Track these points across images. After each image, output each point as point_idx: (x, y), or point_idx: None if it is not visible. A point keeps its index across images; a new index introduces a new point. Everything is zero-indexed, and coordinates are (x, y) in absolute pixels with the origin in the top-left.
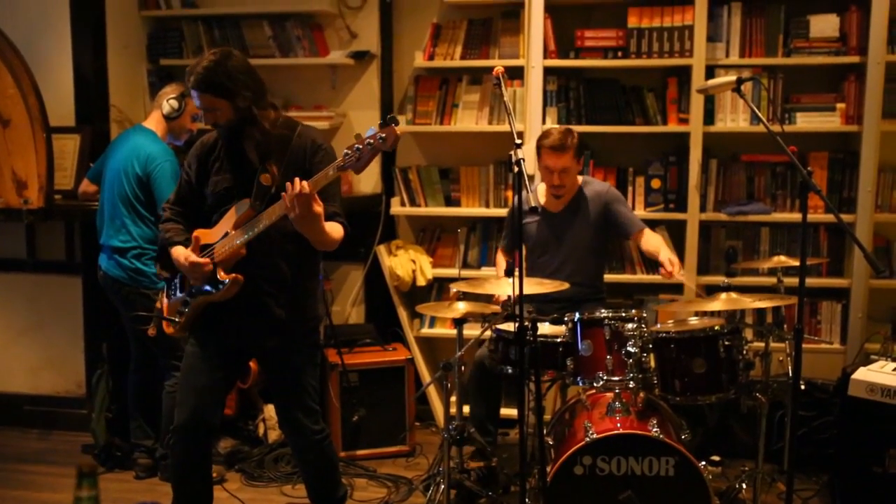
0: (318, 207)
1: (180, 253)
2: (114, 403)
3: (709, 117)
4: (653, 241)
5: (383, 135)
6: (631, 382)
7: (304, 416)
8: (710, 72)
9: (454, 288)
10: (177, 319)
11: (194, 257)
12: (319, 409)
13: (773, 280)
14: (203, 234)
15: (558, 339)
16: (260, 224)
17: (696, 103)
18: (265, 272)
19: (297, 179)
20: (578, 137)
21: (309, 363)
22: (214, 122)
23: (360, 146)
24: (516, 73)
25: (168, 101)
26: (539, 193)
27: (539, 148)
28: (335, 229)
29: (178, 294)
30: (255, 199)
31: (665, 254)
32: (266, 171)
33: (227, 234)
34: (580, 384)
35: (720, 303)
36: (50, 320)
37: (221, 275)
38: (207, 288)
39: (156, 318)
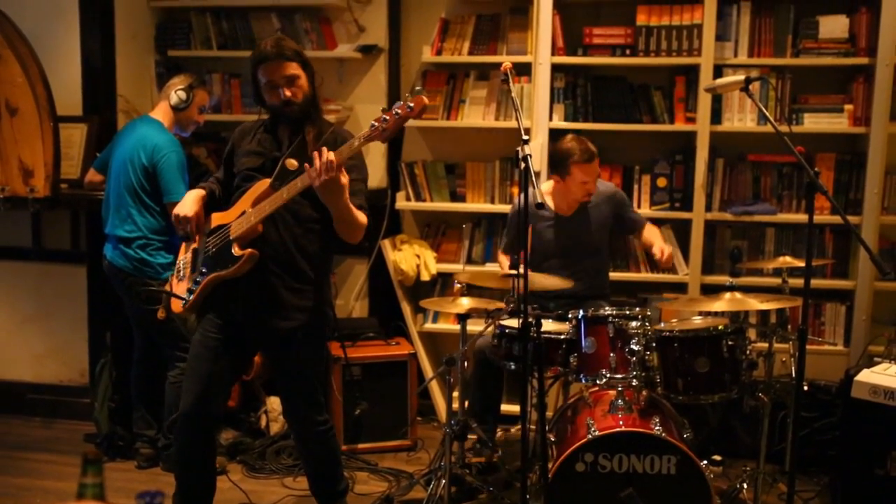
0: (344, 179)
1: (188, 196)
2: (117, 393)
3: (716, 117)
4: (649, 234)
5: (411, 104)
6: (634, 380)
7: (308, 408)
8: (718, 71)
9: (459, 278)
10: (186, 297)
11: (188, 208)
12: (324, 400)
13: (778, 280)
14: (218, 217)
15: (562, 336)
16: (281, 197)
17: (704, 102)
18: (278, 257)
19: (324, 149)
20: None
21: (316, 355)
22: (290, 98)
23: (388, 117)
24: (524, 70)
25: (176, 91)
26: (548, 199)
27: (567, 163)
28: (360, 214)
29: (191, 272)
30: (276, 180)
31: (658, 244)
32: (292, 156)
33: (244, 212)
34: (583, 381)
35: (724, 303)
36: (54, 309)
37: (237, 250)
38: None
39: (165, 297)
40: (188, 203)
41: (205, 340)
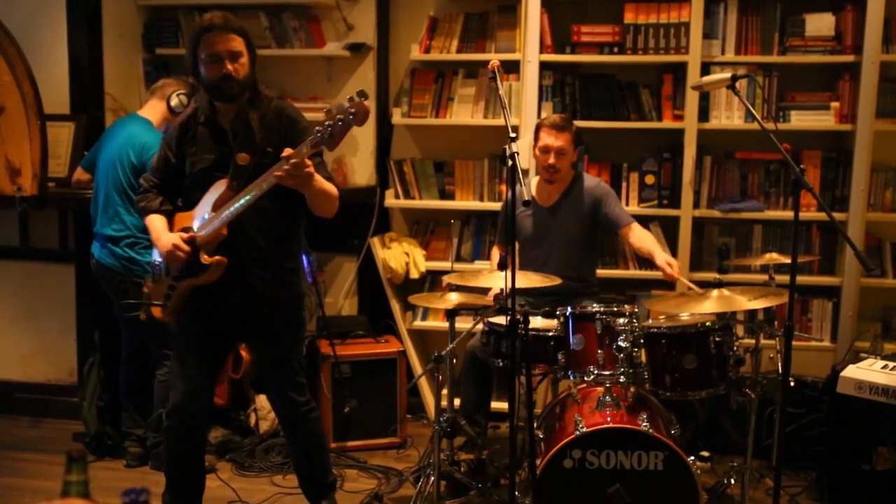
0: (310, 168)
1: (160, 235)
2: (105, 392)
3: (703, 114)
4: (645, 241)
5: (353, 110)
6: (622, 377)
7: (292, 391)
8: (706, 69)
9: (446, 280)
10: (164, 302)
11: (170, 238)
12: (305, 382)
13: (765, 277)
14: (182, 218)
15: (550, 333)
16: (240, 208)
17: (691, 100)
18: (247, 252)
19: (288, 151)
20: (577, 129)
21: (295, 339)
22: (231, 74)
23: (331, 122)
24: (512, 68)
25: (178, 95)
26: (531, 186)
27: (538, 129)
28: (330, 186)
29: (164, 276)
30: (233, 180)
31: (661, 257)
32: (242, 149)
33: (206, 216)
34: (571, 378)
35: (712, 302)
36: (42, 308)
37: (205, 258)
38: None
39: (144, 304)
40: (169, 239)
41: (186, 336)
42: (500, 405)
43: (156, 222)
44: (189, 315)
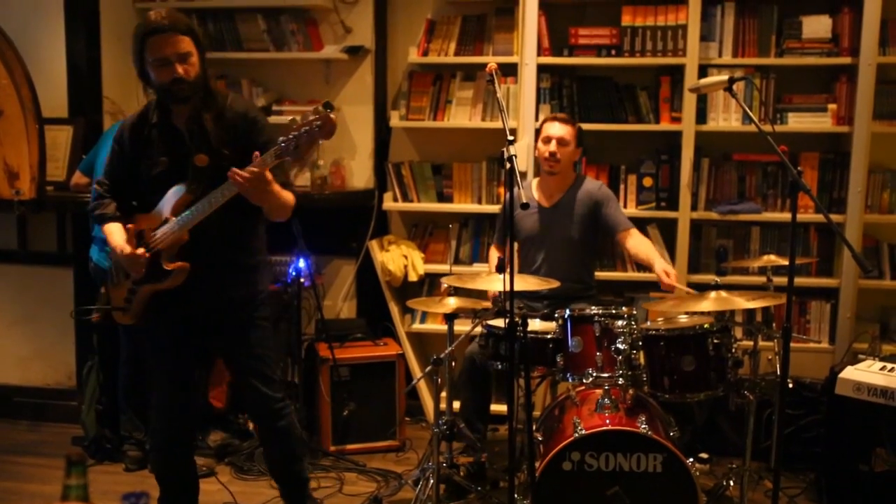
0: (269, 175)
1: (117, 243)
2: (104, 395)
3: (701, 116)
4: (643, 248)
5: (319, 122)
6: (620, 379)
7: (263, 385)
8: (703, 71)
9: (444, 282)
10: (125, 307)
11: (129, 248)
12: (278, 379)
13: (763, 279)
14: (140, 220)
15: (548, 336)
16: (201, 213)
17: (689, 102)
18: (207, 252)
19: (234, 171)
20: (580, 129)
21: (264, 335)
22: (182, 76)
23: (297, 133)
24: (510, 70)
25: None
26: (532, 187)
27: (541, 124)
28: (287, 195)
29: (124, 280)
30: (192, 183)
31: (660, 264)
32: (200, 150)
33: (166, 220)
34: (570, 380)
35: (710, 302)
36: (41, 311)
37: (167, 264)
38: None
39: (104, 309)
40: (124, 248)
41: (158, 349)
42: (499, 407)
43: (113, 230)
44: (155, 321)
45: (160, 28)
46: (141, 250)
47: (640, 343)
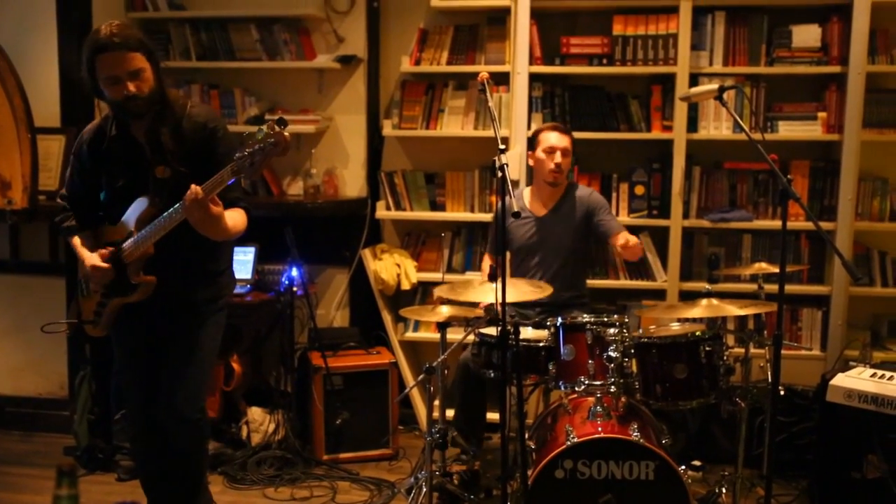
0: (217, 209)
1: (86, 255)
2: (96, 405)
3: (692, 125)
4: (620, 237)
5: (272, 140)
6: (612, 387)
7: (189, 397)
8: (694, 80)
9: (437, 293)
10: (94, 320)
11: (97, 260)
12: (205, 398)
13: (755, 287)
14: (108, 232)
15: (541, 344)
16: (164, 226)
17: (680, 111)
18: (174, 263)
19: (193, 186)
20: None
21: (210, 341)
22: (134, 94)
23: (252, 150)
24: (502, 79)
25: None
26: (524, 196)
27: (538, 133)
28: (237, 220)
29: (92, 293)
30: (155, 196)
31: (620, 238)
32: (160, 162)
33: (130, 233)
34: (562, 388)
35: (702, 309)
36: (32, 321)
37: (134, 278)
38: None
39: (72, 322)
40: (90, 260)
41: (127, 351)
42: (491, 416)
43: (79, 243)
44: (123, 330)
45: (109, 46)
46: (107, 265)
47: (633, 351)
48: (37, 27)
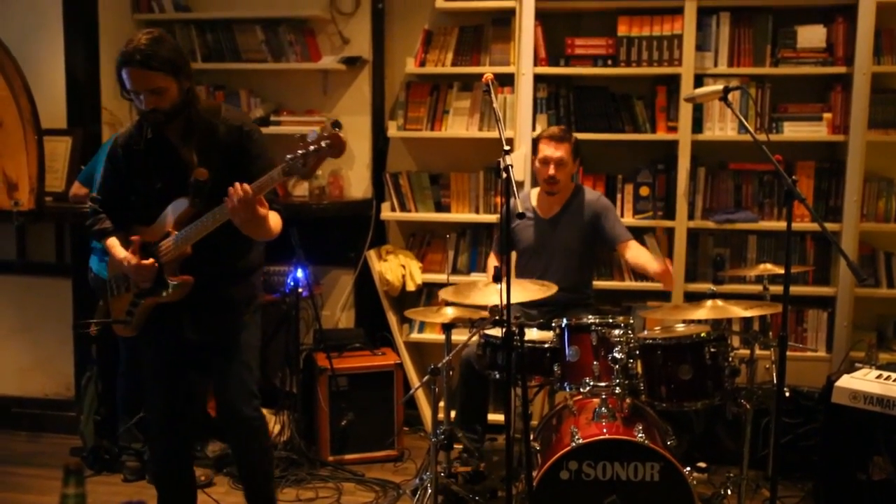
0: (263, 210)
1: (121, 254)
2: (102, 406)
3: (697, 126)
4: (641, 257)
5: (329, 140)
6: (617, 388)
7: (240, 394)
8: (699, 80)
9: (441, 296)
10: (126, 319)
11: (136, 259)
12: (258, 392)
13: (760, 288)
14: (142, 233)
15: (546, 345)
16: (205, 227)
17: (685, 112)
18: (212, 266)
19: (237, 185)
20: (577, 140)
21: (253, 341)
22: (155, 108)
23: (305, 151)
24: (507, 80)
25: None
26: (532, 197)
27: (537, 141)
28: (275, 220)
29: (124, 293)
30: (194, 197)
31: (653, 267)
32: (199, 165)
33: (167, 234)
34: (567, 390)
35: (707, 311)
36: (39, 322)
37: (170, 278)
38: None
39: (104, 322)
40: (127, 259)
41: (155, 355)
42: (496, 417)
43: (116, 243)
44: (152, 330)
45: (131, 62)
46: (150, 260)
47: (637, 352)
48: (43, 29)
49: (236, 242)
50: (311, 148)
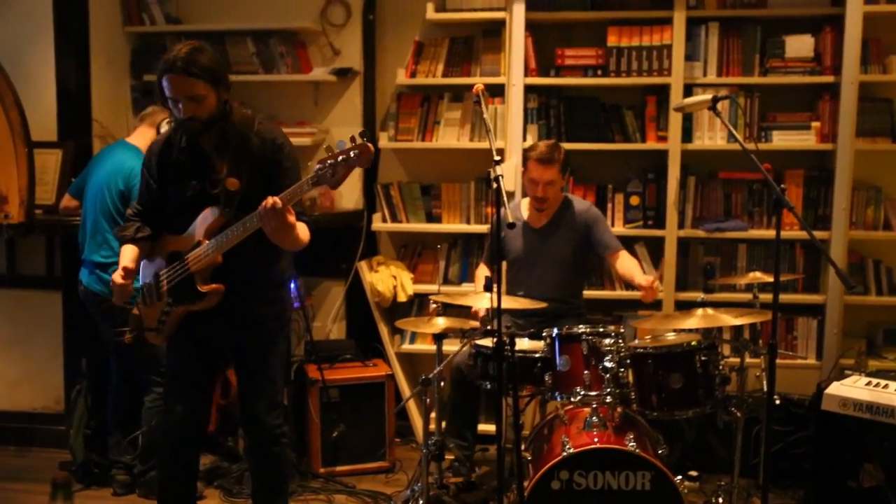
0: (292, 218)
1: (122, 264)
2: (92, 420)
3: (687, 135)
4: (628, 266)
5: (357, 151)
6: (608, 397)
7: (267, 410)
8: (689, 90)
9: (434, 301)
10: (158, 327)
11: (119, 278)
12: (282, 404)
13: (750, 296)
14: (172, 241)
15: (537, 355)
16: (236, 236)
17: (675, 121)
18: (236, 271)
19: (270, 198)
20: (565, 153)
21: (279, 359)
22: (192, 115)
23: (334, 161)
24: (497, 91)
25: (168, 122)
26: (522, 207)
27: (526, 160)
28: (303, 230)
29: (158, 301)
30: (225, 206)
31: (640, 278)
32: (231, 175)
33: (199, 242)
34: (558, 399)
35: (697, 319)
36: (29, 336)
37: (202, 286)
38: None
39: (137, 330)
40: (119, 270)
41: (180, 360)
42: (488, 427)
43: (126, 251)
44: (180, 337)
45: (172, 69)
46: (129, 282)
47: (628, 361)
48: (34, 40)
49: (266, 252)
50: (340, 158)
